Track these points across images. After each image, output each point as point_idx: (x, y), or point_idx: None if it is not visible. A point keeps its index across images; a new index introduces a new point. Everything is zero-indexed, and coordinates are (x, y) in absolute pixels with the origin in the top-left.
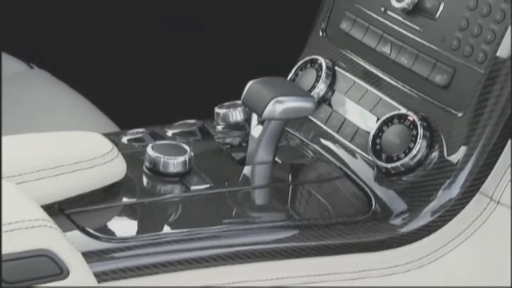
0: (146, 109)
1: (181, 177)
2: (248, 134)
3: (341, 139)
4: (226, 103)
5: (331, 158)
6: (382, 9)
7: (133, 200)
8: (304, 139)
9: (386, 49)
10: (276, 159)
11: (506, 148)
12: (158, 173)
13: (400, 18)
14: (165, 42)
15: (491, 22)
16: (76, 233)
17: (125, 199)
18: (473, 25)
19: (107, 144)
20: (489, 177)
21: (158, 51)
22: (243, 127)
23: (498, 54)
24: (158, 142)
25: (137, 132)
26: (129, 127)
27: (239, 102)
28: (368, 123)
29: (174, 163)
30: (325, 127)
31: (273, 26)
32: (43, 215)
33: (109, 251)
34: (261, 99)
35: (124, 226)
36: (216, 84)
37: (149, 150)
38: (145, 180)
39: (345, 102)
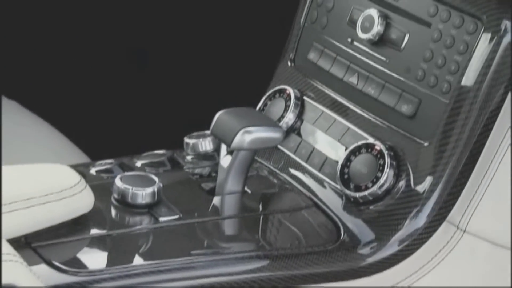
0: (116, 139)
1: (150, 208)
2: (217, 164)
3: (310, 168)
4: (196, 133)
5: (300, 188)
6: (349, 40)
7: (101, 232)
8: (273, 169)
9: (353, 79)
10: (246, 189)
11: (471, 177)
12: (126, 205)
13: (367, 49)
14: (134, 72)
15: (454, 53)
16: (42, 267)
17: (93, 231)
18: (437, 56)
19: (75, 176)
20: (455, 206)
21: (128, 81)
22: (212, 157)
23: (462, 84)
24: (126, 173)
25: (106, 163)
26: (99, 158)
27: (209, 132)
28: (337, 152)
29: (143, 194)
30: (294, 157)
31: (242, 56)
32: (9, 249)
33: (76, 285)
34: (230, 130)
35: (92, 259)
36: (186, 114)
37: (118, 182)
38: (113, 211)
39: (314, 132)
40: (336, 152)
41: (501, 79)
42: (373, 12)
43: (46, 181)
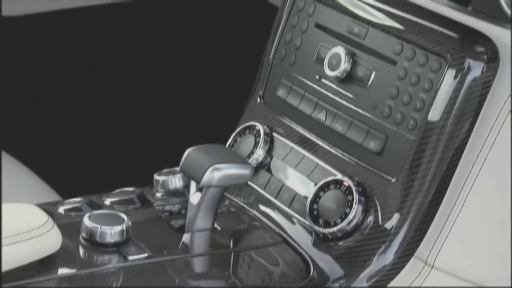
0: (86, 177)
1: (119, 247)
2: (187, 200)
3: (279, 204)
4: (165, 170)
5: (270, 224)
6: (317, 77)
7: (70, 271)
8: (243, 205)
9: (321, 116)
10: (216, 225)
11: (438, 212)
12: (95, 244)
13: (334, 86)
14: (103, 108)
15: (420, 90)
16: None
17: (61, 271)
18: (403, 94)
19: (42, 216)
20: (423, 241)
21: (97, 118)
22: (182, 194)
23: (427, 121)
24: (95, 212)
25: (75, 201)
26: (70, 195)
27: (178, 168)
28: (306, 188)
29: (111, 233)
30: (264, 193)
31: (211, 93)
32: None
33: None
34: (199, 167)
35: None
36: (156, 151)
37: (86, 220)
38: (81, 251)
39: (283, 168)
40: (305, 188)
41: (465, 116)
42: (340, 50)
43: (14, 221)
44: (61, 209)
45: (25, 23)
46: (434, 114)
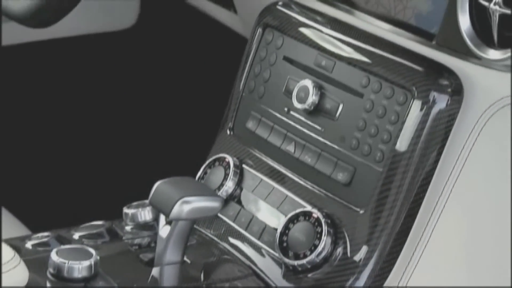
0: (56, 210)
1: (87, 282)
2: (157, 233)
3: (249, 236)
4: (135, 203)
5: (239, 256)
6: (286, 109)
7: None
8: (213, 237)
9: (290, 148)
10: (185, 258)
11: (406, 243)
12: (62, 279)
13: (303, 118)
14: (71, 140)
15: (386, 123)
16: None
17: None
18: (370, 126)
19: (9, 252)
20: (392, 273)
21: (66, 151)
22: (152, 227)
23: (394, 153)
24: (63, 247)
25: (43, 236)
26: (39, 229)
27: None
28: (275, 220)
29: (79, 268)
30: (233, 225)
31: (182, 125)
32: None
33: None
34: (168, 200)
35: None
36: (125, 184)
37: (53, 256)
38: (49, 287)
39: (253, 200)
40: (275, 220)
41: (431, 147)
42: (308, 82)
43: None
44: (28, 244)
45: (9, 53)
46: (401, 146)
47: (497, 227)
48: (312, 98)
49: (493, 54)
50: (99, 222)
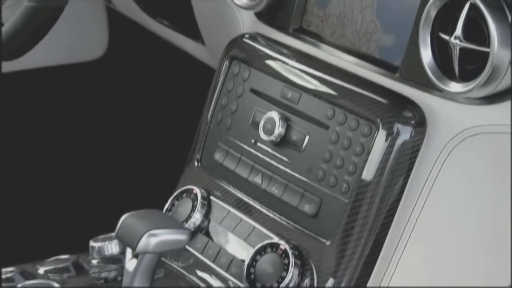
0: (20, 245)
1: None
2: (124, 267)
3: (217, 268)
4: (102, 236)
5: None
6: (253, 141)
7: None
8: (180, 270)
9: (257, 179)
10: None
11: (372, 275)
12: None
13: (270, 150)
14: (37, 172)
15: (352, 154)
16: None
17: None
18: (336, 157)
19: None
20: None
21: (30, 184)
22: (119, 260)
23: (359, 184)
24: (27, 283)
25: (7, 271)
26: (3, 264)
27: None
28: (243, 252)
29: None
30: (201, 257)
31: (149, 157)
32: None
33: None
34: (135, 233)
35: None
36: (91, 217)
37: None
38: None
39: (221, 232)
40: (243, 252)
41: (396, 179)
42: (274, 114)
43: None
44: None
45: None
46: (366, 177)
47: (461, 256)
48: (279, 130)
49: (455, 87)
50: (65, 256)
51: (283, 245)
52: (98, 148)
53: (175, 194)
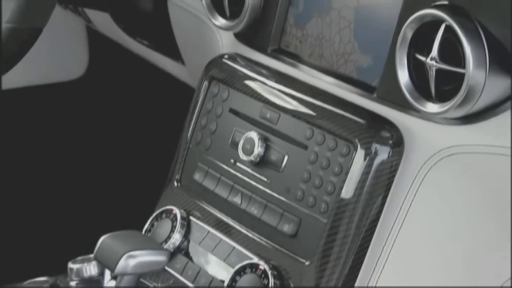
0: None
1: None
2: None
3: None
4: (80, 258)
5: None
6: (232, 161)
7: None
8: None
9: (237, 199)
10: None
11: None
12: None
13: (249, 170)
14: (16, 193)
15: (330, 174)
16: None
17: None
18: (315, 177)
19: None
20: None
21: (8, 205)
22: (97, 282)
23: (338, 204)
24: None
25: None
26: None
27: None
28: (223, 272)
29: None
30: (181, 278)
31: (128, 178)
32: None
33: None
34: (113, 254)
35: None
36: (70, 238)
37: None
38: None
39: (200, 252)
40: (222, 272)
41: (374, 198)
42: (254, 134)
43: None
44: None
45: None
46: (345, 197)
47: (439, 275)
48: (258, 150)
49: (431, 107)
50: (43, 278)
51: (263, 265)
52: (77, 168)
53: (154, 214)
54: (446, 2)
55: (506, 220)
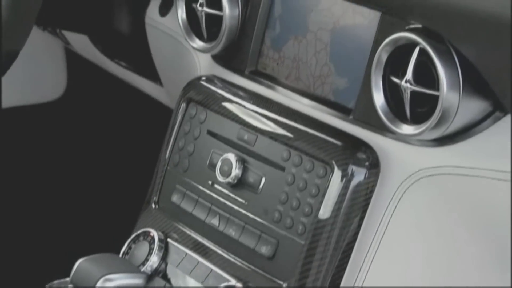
0: None
1: None
2: None
3: None
4: (56, 281)
5: None
6: (210, 182)
7: None
8: None
9: (215, 221)
10: None
11: None
12: None
13: (227, 191)
14: None
15: (307, 196)
16: None
17: None
18: (292, 199)
19: None
20: None
21: None
22: None
23: (315, 226)
24: None
25: None
26: None
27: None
28: None
29: None
30: None
31: (106, 199)
32: None
33: None
34: (90, 278)
35: None
36: (46, 262)
37: None
38: None
39: (178, 275)
40: None
41: (351, 220)
42: (231, 156)
43: None
44: None
45: None
46: (322, 219)
47: None
48: (235, 171)
49: (407, 129)
50: None
51: (240, 287)
52: (54, 190)
53: (132, 237)
54: (419, 26)
55: (482, 240)
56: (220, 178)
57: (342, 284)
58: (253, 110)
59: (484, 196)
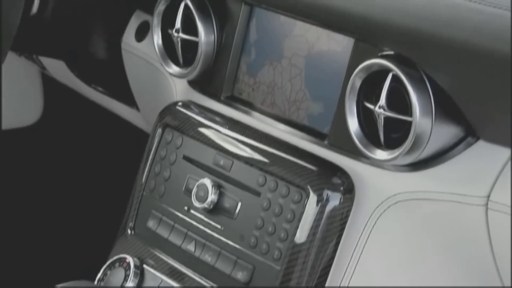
0: None
1: None
2: None
3: None
4: None
5: None
6: (186, 208)
7: None
8: None
9: (190, 247)
10: None
11: None
12: None
13: (203, 217)
14: None
15: (283, 221)
16: None
17: None
18: (268, 224)
19: None
20: None
21: None
22: None
23: (291, 251)
24: None
25: None
26: None
27: None
28: None
29: None
30: None
31: (81, 225)
32: None
33: None
34: None
35: None
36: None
37: None
38: None
39: None
40: None
41: (326, 245)
42: (207, 181)
43: None
44: None
45: None
46: (297, 244)
47: None
48: (211, 197)
49: (381, 154)
50: None
51: None
52: (29, 215)
53: (107, 263)
54: (392, 52)
55: (456, 264)
56: (196, 203)
57: None
58: (229, 136)
59: (457, 221)
